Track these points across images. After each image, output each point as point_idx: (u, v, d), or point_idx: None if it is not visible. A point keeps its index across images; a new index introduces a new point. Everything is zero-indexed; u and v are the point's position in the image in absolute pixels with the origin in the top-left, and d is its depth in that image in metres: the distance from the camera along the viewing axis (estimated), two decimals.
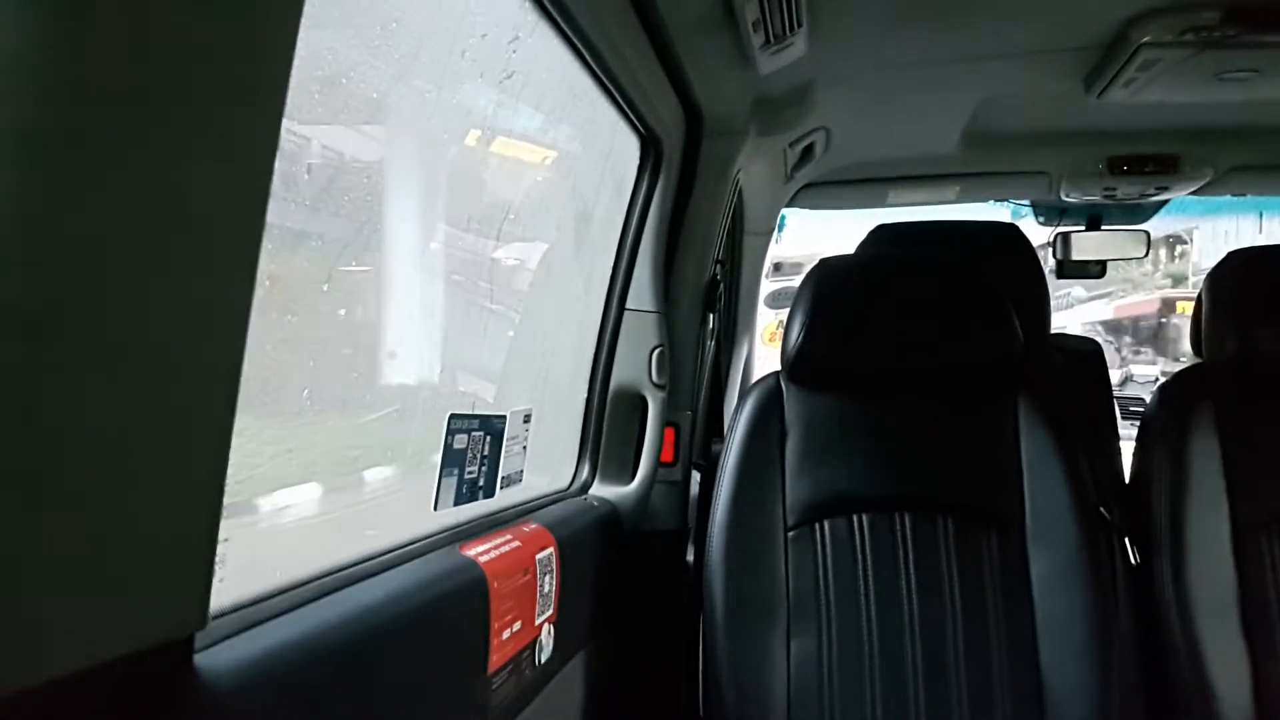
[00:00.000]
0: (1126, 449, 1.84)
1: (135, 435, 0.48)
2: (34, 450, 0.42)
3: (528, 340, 1.43)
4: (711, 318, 1.77)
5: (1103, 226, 2.46)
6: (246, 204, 0.53)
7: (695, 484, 1.75)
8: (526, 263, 1.44)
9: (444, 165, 1.20)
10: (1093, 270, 2.48)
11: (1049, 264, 2.37)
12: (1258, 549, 1.53)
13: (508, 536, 1.11)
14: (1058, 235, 2.45)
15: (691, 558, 1.66)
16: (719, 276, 1.78)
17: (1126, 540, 1.65)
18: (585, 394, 1.61)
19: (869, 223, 2.18)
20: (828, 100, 1.71)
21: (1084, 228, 2.46)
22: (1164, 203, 2.42)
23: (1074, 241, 2.43)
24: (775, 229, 2.33)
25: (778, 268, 3.45)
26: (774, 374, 1.58)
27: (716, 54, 1.37)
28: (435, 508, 1.01)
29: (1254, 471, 1.55)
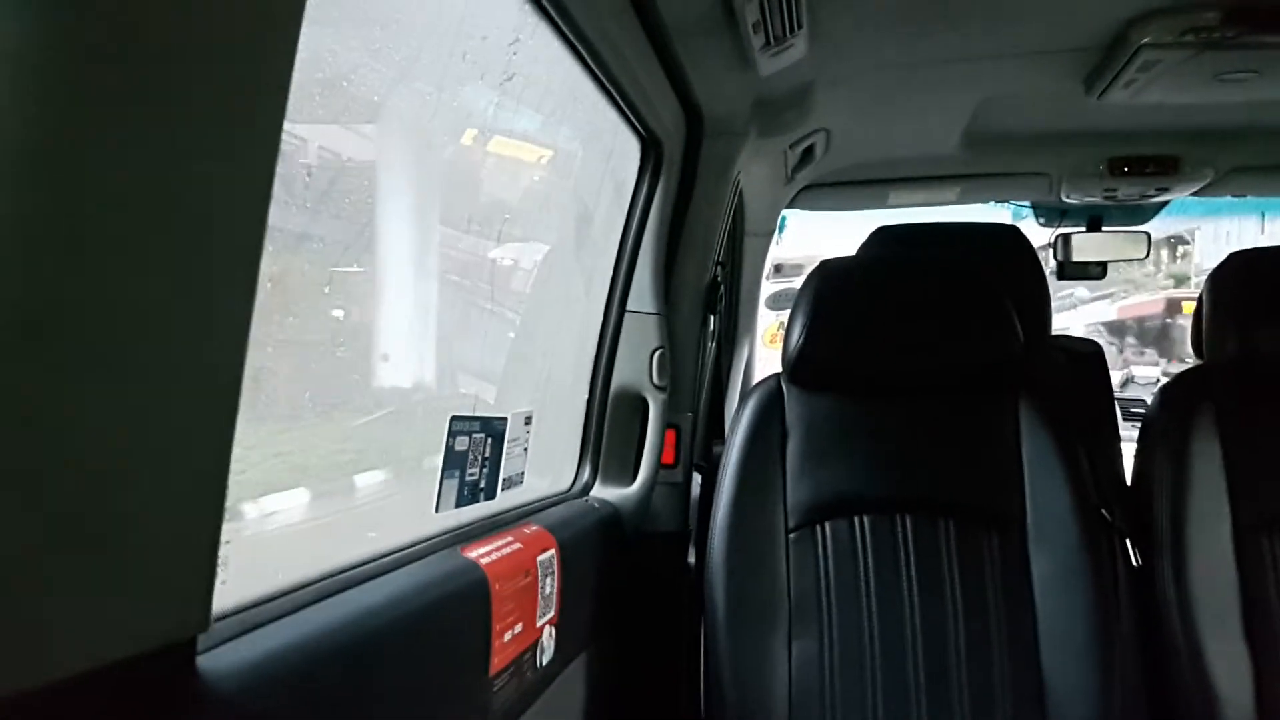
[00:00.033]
0: (1128, 450, 1.84)
1: (137, 437, 0.48)
2: (35, 451, 0.42)
3: (527, 342, 1.43)
4: (712, 319, 1.77)
5: (1103, 228, 2.46)
6: (248, 205, 0.53)
7: (696, 486, 1.75)
8: (525, 264, 1.43)
9: (444, 167, 1.19)
10: (1093, 271, 2.48)
11: (1050, 265, 2.37)
12: (1259, 550, 1.52)
13: (509, 538, 1.11)
14: (1058, 237, 2.45)
15: (693, 559, 1.66)
16: (719, 278, 1.78)
17: (1128, 541, 1.65)
18: (586, 396, 1.61)
19: (870, 224, 2.18)
20: (828, 101, 1.71)
21: (1084, 229, 2.46)
22: (1164, 204, 2.42)
23: (1075, 243, 2.43)
24: (776, 230, 2.33)
25: (778, 269, 3.44)
26: (775, 376, 1.58)
27: (717, 55, 1.37)
28: (436, 509, 1.01)
29: (1255, 473, 1.55)
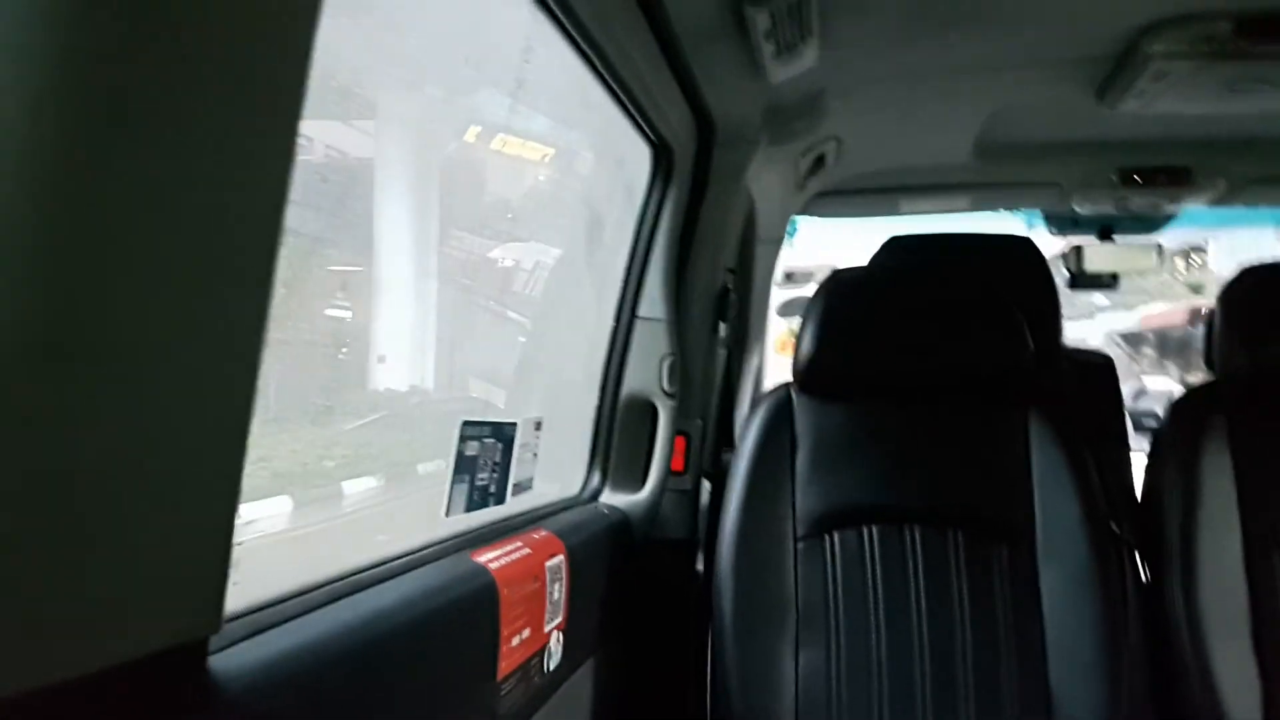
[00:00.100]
0: (1139, 461, 1.83)
1: (151, 438, 0.48)
2: (50, 453, 0.43)
3: (536, 346, 1.43)
4: (722, 326, 1.77)
5: (1114, 237, 2.46)
6: (265, 210, 0.53)
7: (705, 493, 1.75)
8: (535, 268, 1.43)
9: (453, 170, 1.20)
10: (1105, 282, 2.47)
11: (1062, 275, 2.37)
12: (1269, 566, 1.51)
13: (518, 543, 1.11)
14: (1071, 248, 2.44)
15: (701, 567, 1.66)
16: (730, 285, 1.78)
17: (1137, 555, 1.64)
18: (596, 401, 1.61)
19: (881, 231, 2.18)
20: (839, 110, 1.71)
21: (1095, 239, 2.45)
22: (1176, 214, 2.41)
23: (1086, 253, 2.43)
24: (786, 237, 2.33)
25: (789, 276, 3.44)
26: (785, 384, 1.58)
27: (728, 63, 1.37)
28: (446, 513, 1.02)
29: (1266, 487, 1.54)
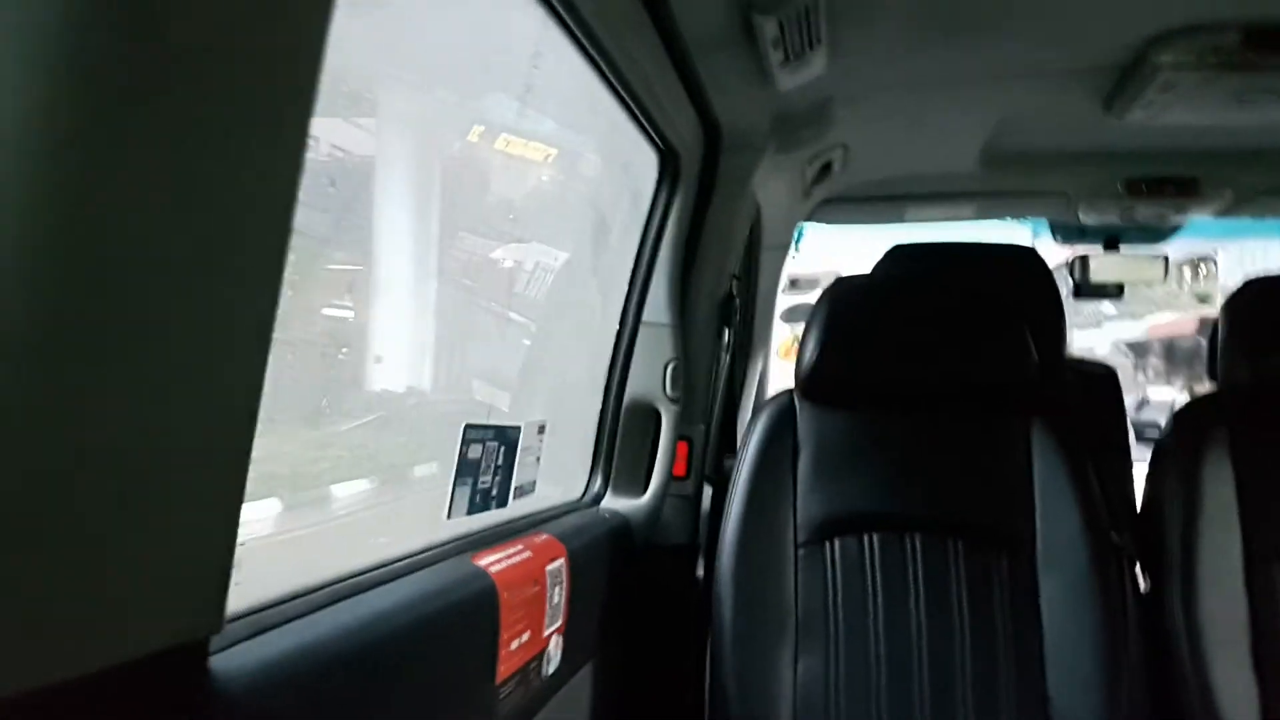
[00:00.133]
0: (1141, 472, 1.83)
1: (155, 438, 0.48)
2: (53, 452, 0.43)
3: (539, 349, 1.43)
4: (727, 332, 1.77)
5: (1121, 247, 2.45)
6: (274, 212, 0.53)
7: (707, 499, 1.75)
8: (534, 269, 1.43)
9: (456, 171, 1.19)
10: (1110, 292, 2.47)
11: (1067, 285, 2.37)
12: (1269, 578, 1.51)
13: (519, 547, 1.11)
14: (1076, 258, 2.44)
15: (701, 572, 1.66)
16: (735, 291, 1.78)
17: (1137, 566, 1.64)
18: (599, 405, 1.61)
19: (886, 239, 2.18)
20: (846, 117, 1.71)
21: (1101, 249, 2.45)
22: (1183, 225, 2.41)
23: (1091, 263, 2.42)
24: (792, 244, 2.33)
25: (794, 283, 3.44)
26: (788, 391, 1.58)
27: (736, 71, 1.38)
28: (449, 516, 1.02)
29: (1268, 499, 1.54)
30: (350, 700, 0.73)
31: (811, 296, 1.59)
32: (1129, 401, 2.47)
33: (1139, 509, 1.74)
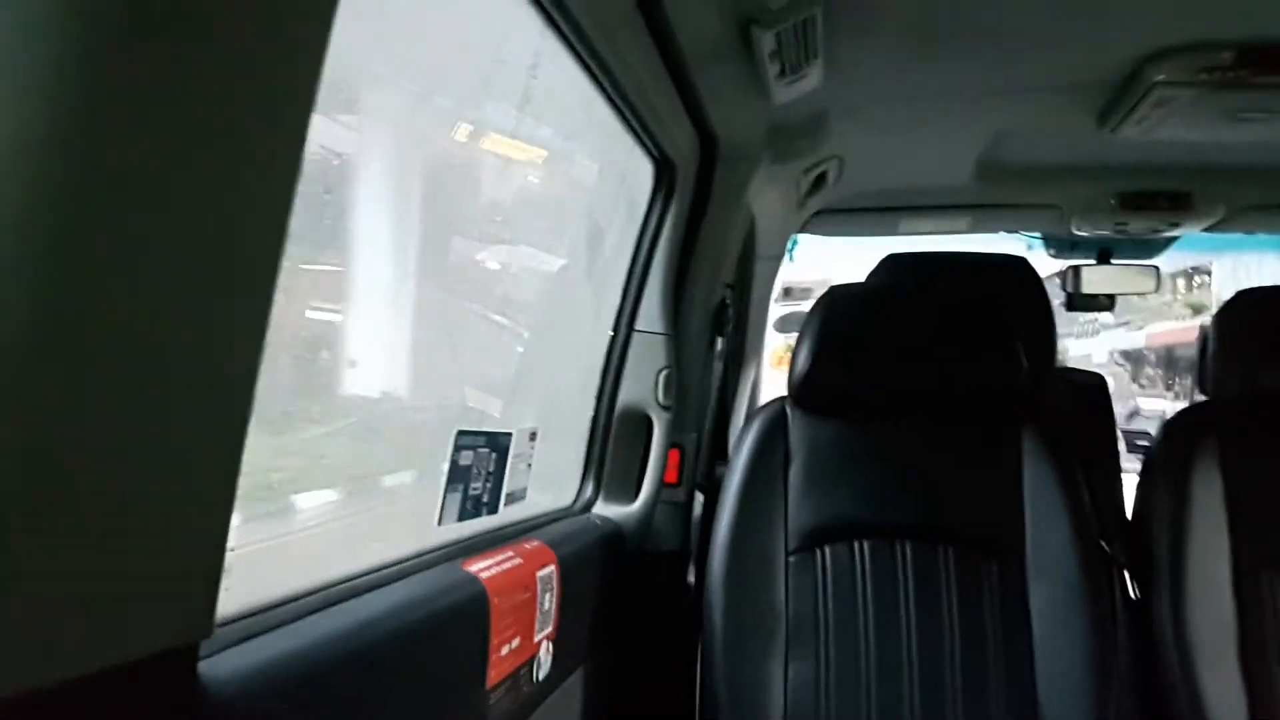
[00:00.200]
0: (1131, 482, 1.84)
1: (147, 441, 0.48)
2: (44, 455, 0.43)
3: (523, 355, 1.42)
4: (720, 341, 1.78)
5: (1113, 260, 2.47)
6: (270, 214, 0.53)
7: (698, 506, 1.76)
8: (519, 272, 1.43)
9: (440, 172, 1.18)
10: (1102, 303, 2.49)
11: (1059, 297, 2.38)
12: (1257, 589, 1.52)
13: (509, 553, 1.12)
14: (1068, 269, 2.46)
15: (693, 579, 1.67)
16: (728, 300, 1.79)
17: (1126, 574, 1.65)
18: (590, 412, 1.62)
19: (880, 250, 2.19)
20: (841, 130, 1.72)
21: (1094, 261, 2.47)
22: (1175, 238, 2.42)
23: (1084, 275, 2.44)
24: (786, 254, 2.35)
25: (787, 292, 3.46)
26: (780, 399, 1.59)
27: (732, 83, 1.39)
28: (439, 522, 1.02)
29: (1257, 510, 1.55)
30: (340, 705, 0.73)
31: (805, 306, 1.60)
32: (1120, 411, 2.48)
33: (1129, 517, 1.75)
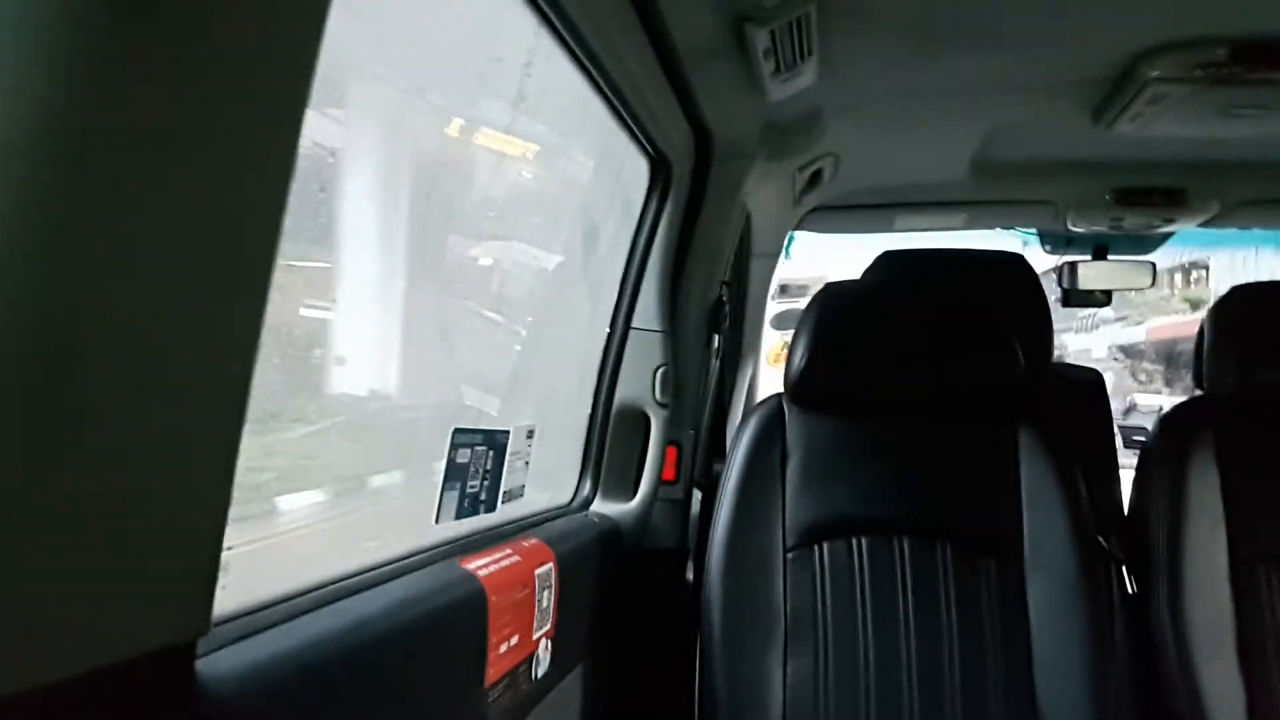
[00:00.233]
0: (1128, 477, 1.85)
1: (143, 440, 0.48)
2: (41, 454, 0.43)
3: (517, 352, 1.41)
4: (716, 338, 1.79)
5: (1109, 256, 2.47)
6: (264, 215, 0.53)
7: (696, 503, 1.76)
8: (512, 268, 1.42)
9: (431, 167, 1.17)
10: (1098, 299, 2.49)
11: (1055, 292, 2.39)
12: (1255, 581, 1.53)
13: (507, 551, 1.12)
14: (1064, 265, 2.46)
15: (691, 576, 1.67)
16: (725, 297, 1.79)
17: (1124, 569, 1.66)
18: (581, 411, 1.62)
19: (877, 247, 2.20)
20: (836, 127, 1.73)
21: (1090, 257, 2.47)
22: (1171, 234, 2.43)
23: (1080, 271, 2.44)
24: (782, 251, 2.35)
25: (784, 290, 3.46)
26: (776, 396, 1.59)
27: (727, 80, 1.39)
28: (437, 520, 1.03)
29: (1253, 503, 1.56)
30: (339, 703, 0.73)
31: (801, 303, 1.60)
32: (1116, 407, 2.49)
33: (1126, 512, 1.76)
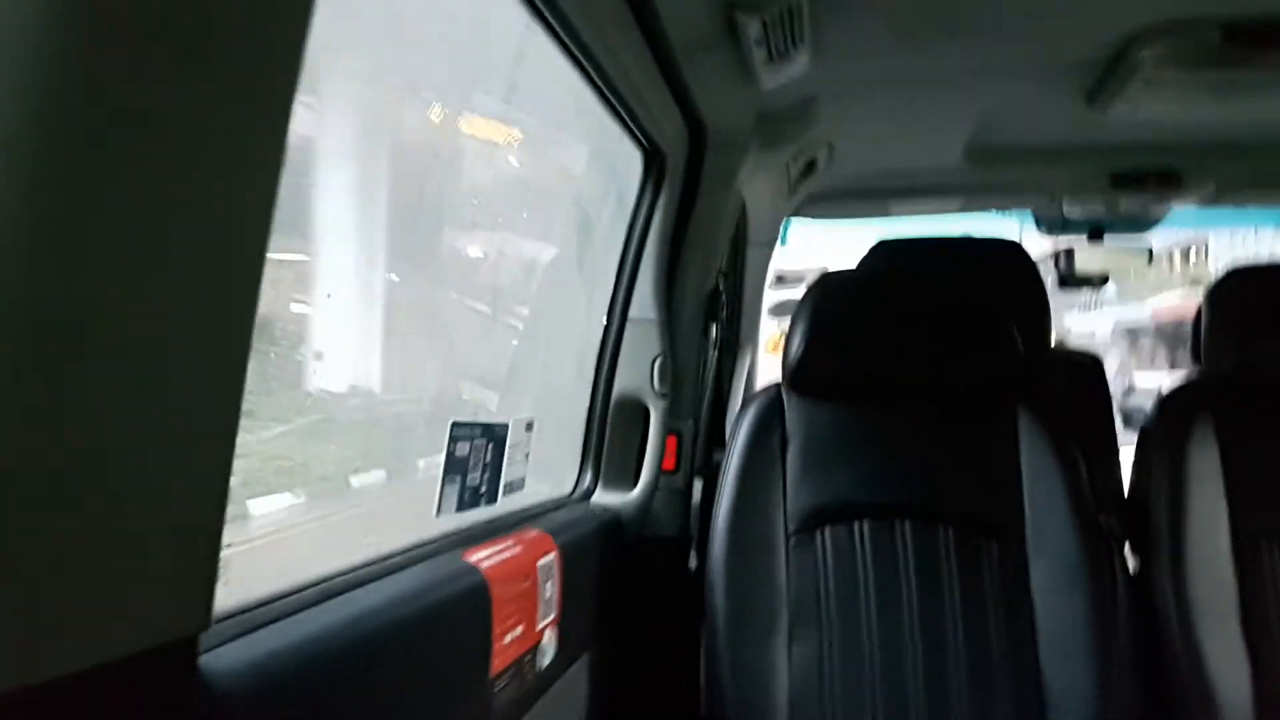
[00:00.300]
0: (1127, 458, 1.86)
1: (141, 437, 0.49)
2: (41, 451, 0.43)
3: (505, 346, 1.41)
4: (714, 327, 1.79)
5: (1105, 238, 2.48)
6: (254, 211, 0.53)
7: (697, 491, 1.77)
8: (498, 258, 1.42)
9: (414, 156, 1.16)
10: (1095, 282, 2.49)
11: (1051, 276, 2.39)
12: (1257, 557, 1.54)
13: (510, 542, 1.13)
14: (1060, 250, 2.46)
15: (693, 564, 1.68)
16: (721, 287, 1.79)
17: (1126, 549, 1.66)
18: (573, 407, 1.62)
19: (873, 235, 2.20)
20: (830, 115, 1.72)
21: (1086, 239, 2.47)
22: (1166, 216, 2.43)
23: (1077, 255, 2.45)
24: (778, 240, 2.35)
25: (781, 279, 3.46)
26: (775, 384, 1.59)
27: (719, 69, 1.39)
28: (438, 514, 1.03)
29: (1253, 480, 1.56)
30: (342, 698, 0.74)
31: (798, 292, 1.61)
32: (1116, 388, 2.49)
33: (1126, 493, 1.76)
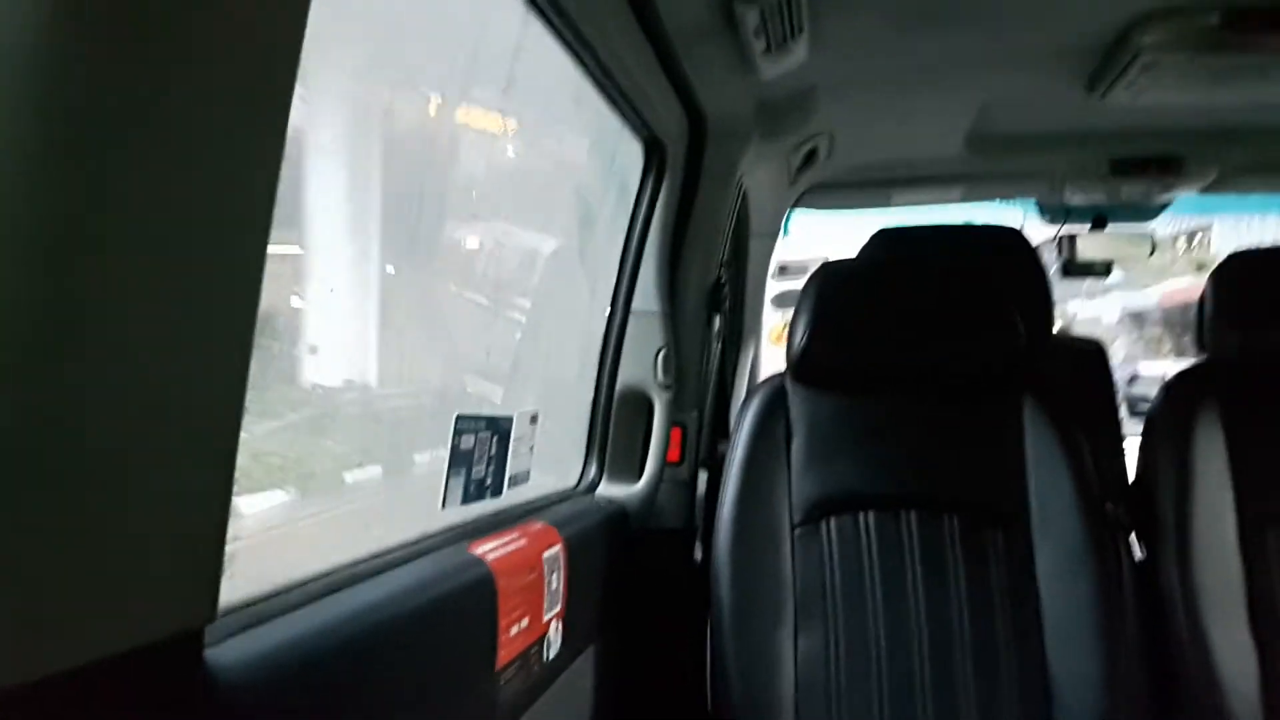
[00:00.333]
0: (1132, 446, 1.85)
1: (145, 430, 0.49)
2: (46, 444, 0.44)
3: (502, 338, 1.40)
4: (717, 319, 1.79)
5: (1108, 225, 2.47)
6: (254, 208, 0.54)
7: (702, 483, 1.77)
8: (495, 249, 1.41)
9: (410, 147, 1.15)
10: (1098, 270, 2.49)
11: (1054, 264, 2.38)
12: (1263, 544, 1.54)
13: (515, 534, 1.13)
14: (1063, 237, 2.46)
15: (699, 555, 1.68)
16: (724, 279, 1.79)
17: (1132, 536, 1.66)
18: (591, 394, 1.63)
19: (874, 225, 2.20)
20: (830, 105, 1.72)
21: (1089, 227, 2.47)
22: (1169, 202, 2.42)
23: (1079, 242, 2.44)
24: (780, 231, 2.35)
25: (783, 269, 3.45)
26: (779, 374, 1.59)
27: (718, 60, 1.38)
28: (443, 506, 1.03)
29: (1259, 467, 1.56)
30: (349, 690, 0.74)
31: (801, 283, 1.61)
32: (1120, 376, 2.49)
33: (1132, 480, 1.76)
